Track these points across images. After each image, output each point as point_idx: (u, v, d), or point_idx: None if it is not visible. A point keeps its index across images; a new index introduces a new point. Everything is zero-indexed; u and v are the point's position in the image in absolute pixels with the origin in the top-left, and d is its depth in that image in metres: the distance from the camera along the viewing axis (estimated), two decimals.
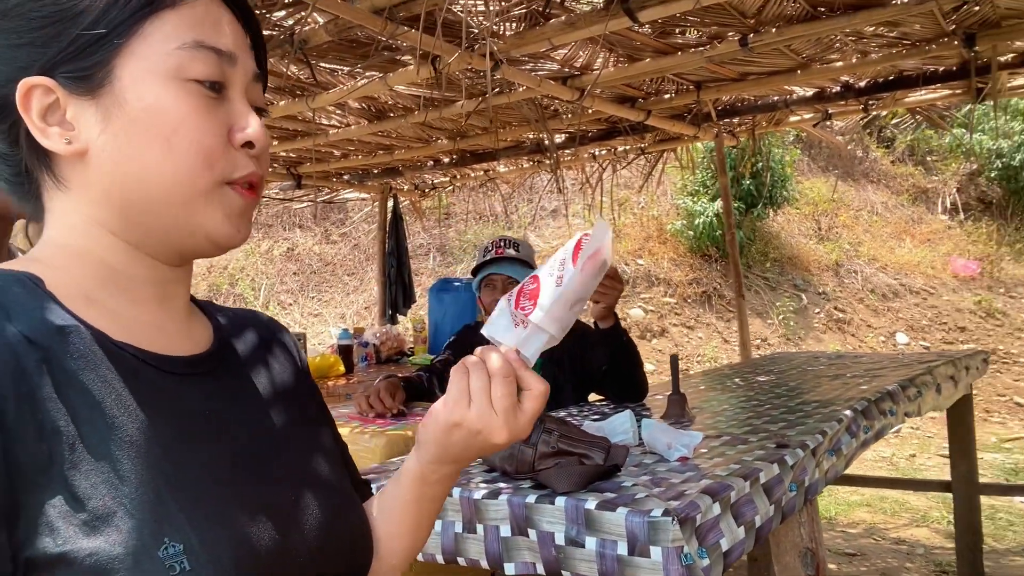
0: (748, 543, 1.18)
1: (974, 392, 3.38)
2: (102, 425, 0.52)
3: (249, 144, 0.61)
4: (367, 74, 2.87)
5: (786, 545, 1.42)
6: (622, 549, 1.07)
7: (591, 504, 1.12)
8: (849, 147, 10.59)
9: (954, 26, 2.63)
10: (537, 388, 0.65)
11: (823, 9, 2.44)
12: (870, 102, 3.67)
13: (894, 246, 9.24)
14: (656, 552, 1.04)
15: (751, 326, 5.94)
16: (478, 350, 0.67)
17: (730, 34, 2.61)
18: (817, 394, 1.94)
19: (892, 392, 1.85)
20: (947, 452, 3.15)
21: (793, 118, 3.97)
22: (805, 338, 7.59)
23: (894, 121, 4.62)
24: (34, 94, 0.57)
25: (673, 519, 1.03)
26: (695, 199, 8.14)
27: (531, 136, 4.06)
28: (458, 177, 5.24)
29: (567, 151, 4.25)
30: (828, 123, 4.13)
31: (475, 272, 2.33)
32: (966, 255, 9.18)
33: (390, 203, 5.38)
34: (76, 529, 0.48)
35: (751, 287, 7.97)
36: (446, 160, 4.63)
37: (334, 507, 0.66)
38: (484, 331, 0.70)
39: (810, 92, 3.53)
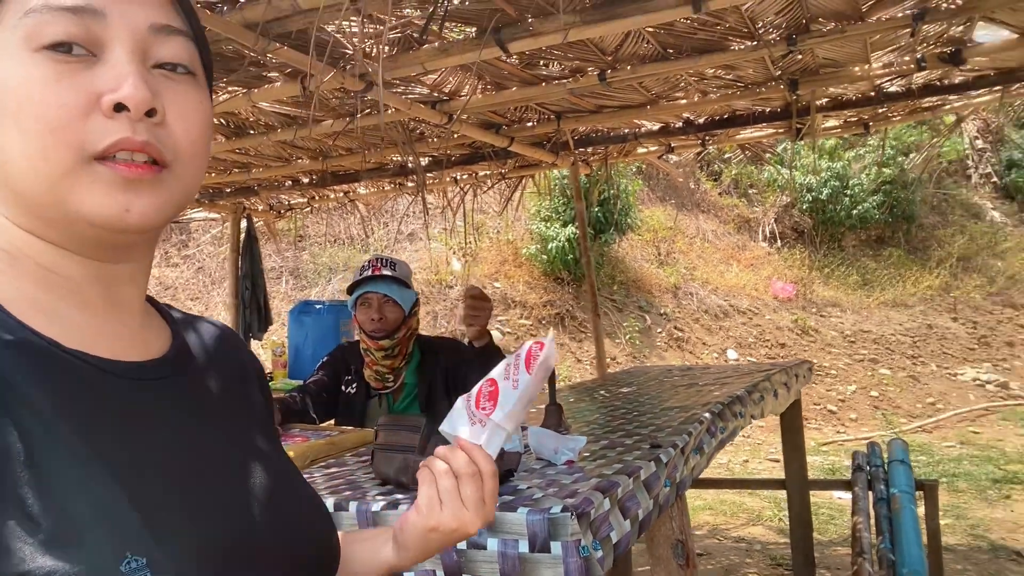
0: (633, 535, 1.27)
1: None
2: (55, 441, 0.49)
3: (123, 108, 0.53)
4: (228, 89, 2.78)
5: (660, 538, 1.54)
6: (523, 547, 1.12)
7: None
8: (681, 180, 11.48)
9: (780, 72, 2.98)
10: (490, 469, 0.71)
11: (672, 51, 2.68)
12: (706, 137, 4.04)
13: (723, 270, 10.09)
14: (556, 547, 1.10)
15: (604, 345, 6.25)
16: (440, 451, 0.72)
17: (590, 69, 2.79)
18: (676, 401, 2.11)
19: (741, 397, 2.06)
20: (776, 456, 3.51)
21: (640, 150, 4.28)
22: (650, 355, 8.09)
23: (727, 155, 5.08)
24: None
25: (572, 514, 1.10)
26: (548, 225, 8.46)
27: (396, 158, 4.08)
28: (317, 198, 5.13)
29: (430, 174, 4.31)
30: (670, 155, 4.49)
31: (351, 290, 2.31)
32: (783, 279, 10.19)
33: (243, 223, 5.17)
34: (33, 548, 0.46)
35: (600, 309, 8.39)
36: (306, 180, 4.53)
37: (299, 513, 0.65)
38: (442, 428, 0.76)
39: (656, 126, 3.83)
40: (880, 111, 3.77)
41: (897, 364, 8.90)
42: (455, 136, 3.55)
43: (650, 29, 2.47)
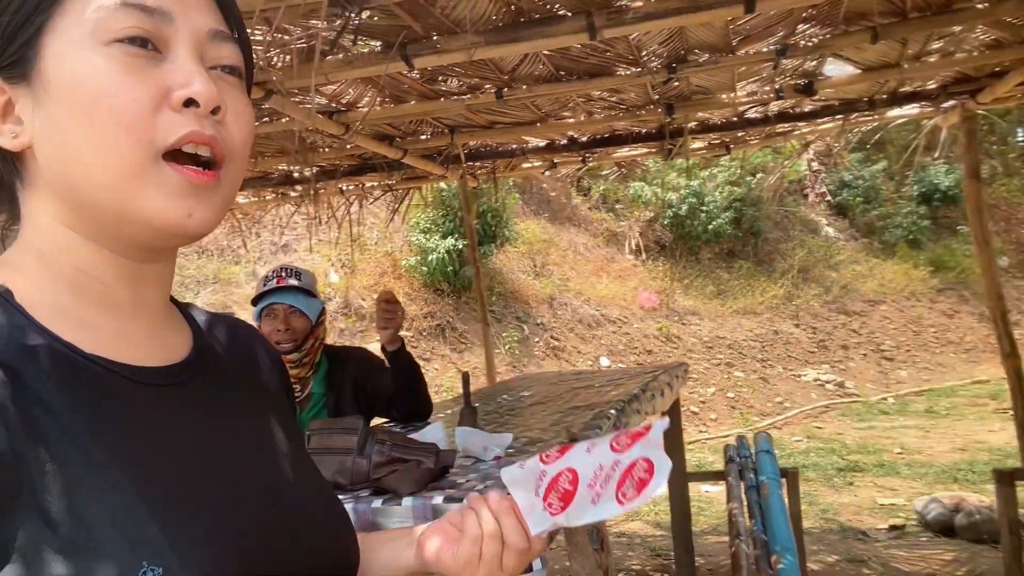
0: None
1: None
2: (74, 447, 0.50)
3: (193, 103, 0.54)
4: None
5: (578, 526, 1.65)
6: None
7: (438, 500, 1.23)
8: (554, 194, 11.89)
9: (658, 96, 3.23)
10: (537, 548, 0.68)
11: (564, 73, 2.85)
12: (587, 154, 4.27)
13: (595, 282, 10.54)
14: None
15: (480, 356, 6.37)
16: (496, 506, 0.67)
17: (488, 86, 2.91)
18: (580, 400, 2.25)
19: (637, 395, 2.23)
20: None
21: (525, 164, 4.45)
22: (528, 364, 8.30)
23: (604, 172, 5.36)
24: None
25: None
26: (428, 236, 8.50)
27: (282, 168, 4.00)
28: None
29: (319, 185, 4.26)
30: (553, 170, 4.69)
31: (255, 301, 2.28)
32: (649, 289, 10.79)
33: None
34: (51, 556, 0.46)
35: (480, 319, 8.53)
36: None
37: (319, 516, 0.64)
38: (504, 477, 0.68)
39: (542, 143, 4.01)
40: (740, 135, 4.14)
41: (749, 367, 9.65)
42: (348, 147, 3.55)
43: (547, 52, 2.62)
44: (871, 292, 12.25)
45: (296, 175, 4.06)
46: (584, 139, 3.97)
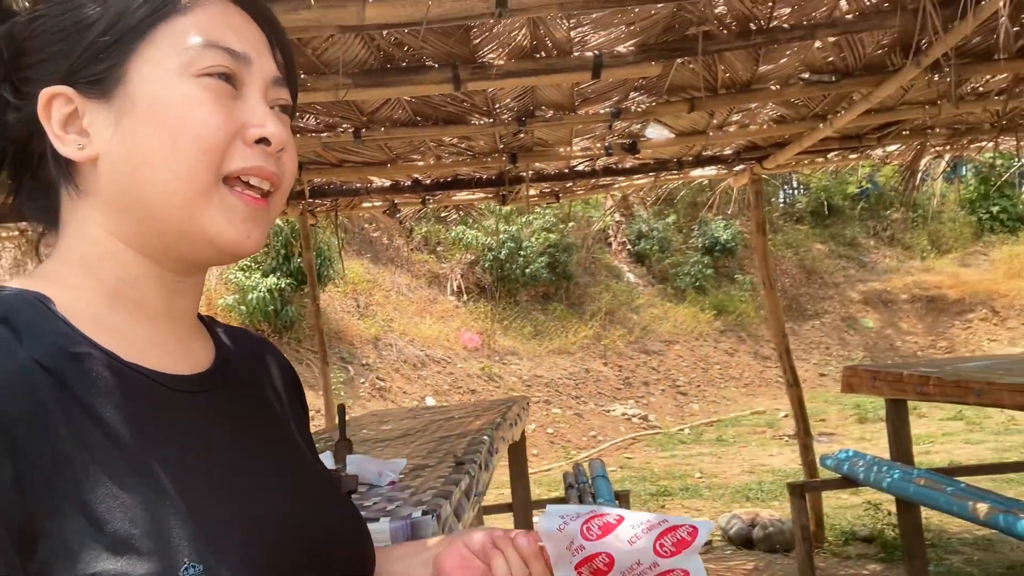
0: None
1: None
2: (117, 449, 0.52)
3: (265, 141, 0.60)
4: None
5: None
6: None
7: None
8: (376, 234, 11.88)
9: (503, 145, 3.47)
10: None
11: (420, 118, 2.98)
12: (428, 197, 4.41)
13: (419, 322, 10.62)
14: None
15: (311, 398, 6.19)
16: (525, 550, 0.67)
17: (345, 125, 2.96)
18: (448, 430, 2.33)
19: (500, 423, 2.36)
20: (495, 485, 3.90)
21: (366, 204, 4.49)
22: (353, 406, 8.14)
23: (443, 214, 5.51)
24: (55, 104, 0.59)
25: (432, 515, 1.26)
26: (247, 274, 8.13)
27: None
28: None
29: None
30: (395, 211, 4.77)
31: None
32: (471, 330, 11.06)
33: None
34: (98, 554, 0.48)
35: (302, 361, 8.25)
36: None
37: (340, 520, 0.67)
38: (540, 529, 0.68)
39: (387, 183, 4.09)
40: (569, 185, 4.51)
41: (565, 403, 10.18)
42: None
43: (407, 98, 2.74)
44: (666, 333, 13.45)
45: None
46: (427, 182, 4.11)
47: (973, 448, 7.00)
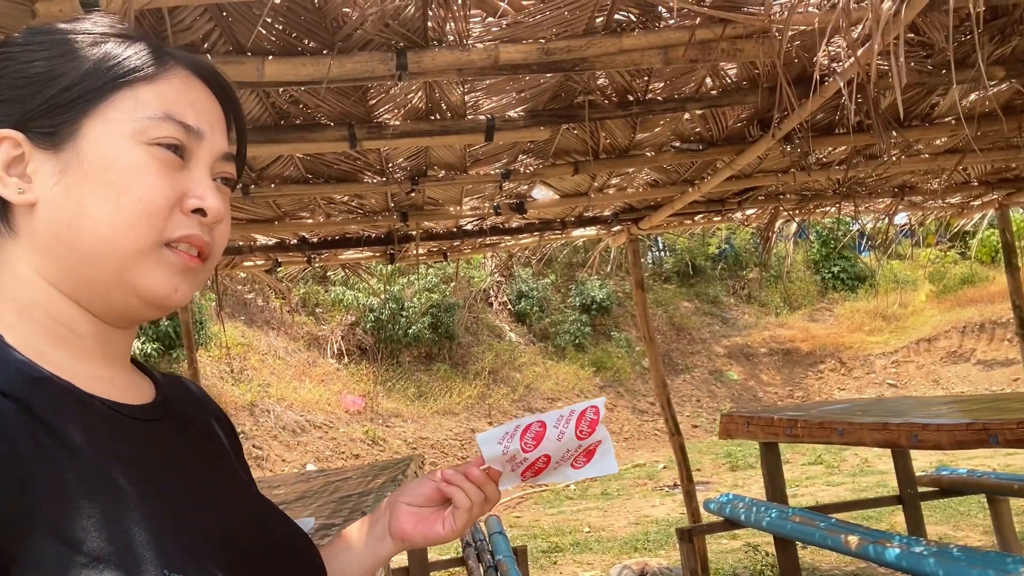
0: None
1: None
2: (85, 470, 0.53)
3: (201, 212, 0.63)
4: None
5: None
6: None
7: None
8: (250, 296, 11.45)
9: (394, 204, 3.50)
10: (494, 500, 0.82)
11: (312, 176, 2.97)
12: (313, 255, 4.34)
13: (297, 386, 10.23)
14: None
15: None
16: (477, 478, 0.78)
17: None
18: (345, 491, 2.26)
19: (401, 480, 2.32)
20: None
21: (248, 263, 4.36)
22: None
23: (331, 272, 5.40)
24: (1, 146, 0.60)
25: None
26: None
27: None
28: None
29: None
30: (277, 269, 4.65)
31: None
32: (353, 393, 10.77)
33: None
34: (77, 572, 0.48)
35: None
36: None
37: (286, 532, 0.72)
38: (486, 455, 0.78)
39: (271, 241, 4.00)
40: (456, 244, 4.58)
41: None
42: None
43: (299, 155, 2.74)
44: (549, 390, 13.67)
45: None
46: (314, 240, 4.06)
47: (834, 489, 7.52)
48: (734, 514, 3.42)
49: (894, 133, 2.66)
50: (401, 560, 4.43)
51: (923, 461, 6.74)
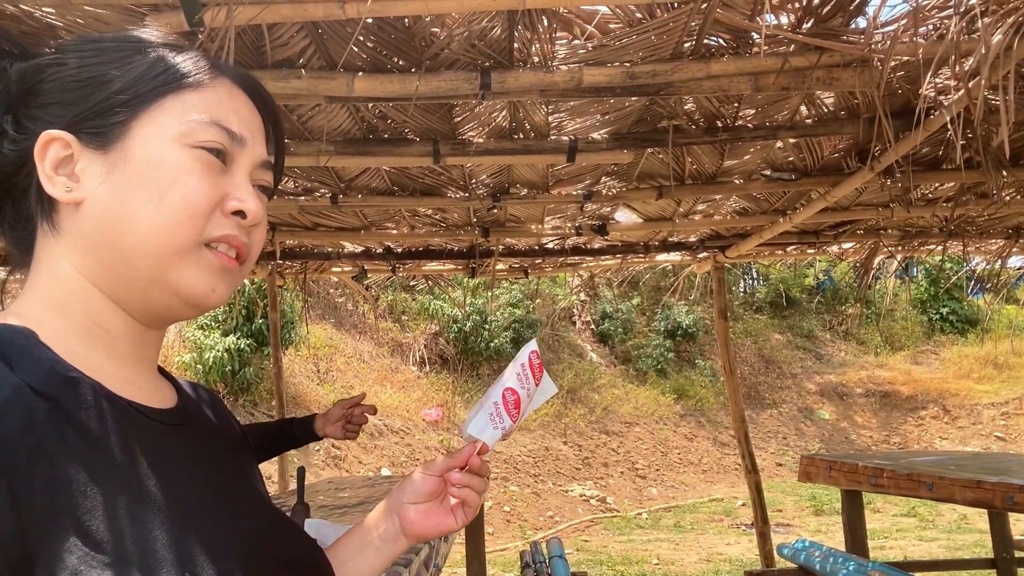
0: None
1: None
2: (111, 471, 0.54)
3: (240, 213, 0.66)
4: None
5: None
6: None
7: None
8: (341, 299, 11.83)
9: (477, 219, 3.54)
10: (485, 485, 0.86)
11: (398, 188, 3.05)
12: (398, 264, 4.45)
13: (379, 390, 10.47)
14: None
15: (267, 462, 6.04)
16: (478, 467, 0.82)
17: (323, 190, 3.01)
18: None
19: None
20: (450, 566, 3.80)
21: (336, 268, 4.51)
22: (307, 474, 7.92)
23: (412, 283, 5.52)
24: (52, 146, 0.63)
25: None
26: (206, 333, 8.00)
27: None
28: None
29: None
30: (364, 277, 4.79)
31: None
32: (431, 401, 10.93)
33: None
34: (99, 572, 0.50)
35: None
36: None
37: (295, 537, 0.73)
38: (470, 432, 0.84)
39: (358, 249, 4.13)
40: (538, 262, 4.59)
41: (523, 482, 10.02)
42: None
43: (386, 168, 2.81)
44: (627, 414, 13.44)
45: None
46: (400, 250, 4.16)
47: (926, 545, 7.03)
48: (809, 562, 3.24)
49: (1003, 172, 2.48)
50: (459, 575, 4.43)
51: None
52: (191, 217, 0.62)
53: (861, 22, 1.94)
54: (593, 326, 15.96)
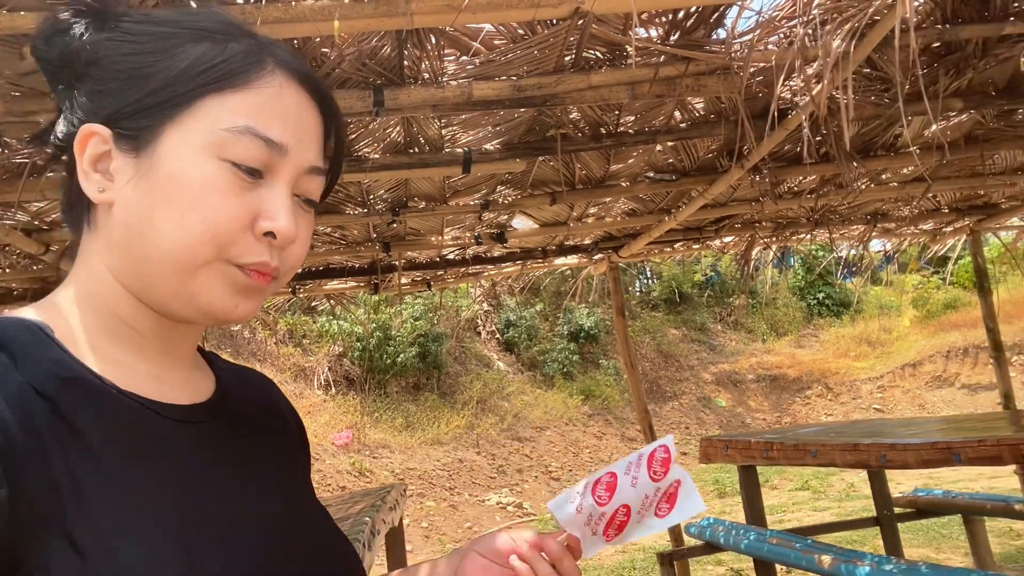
0: None
1: None
2: (108, 474, 0.53)
3: (271, 235, 0.60)
4: None
5: None
6: None
7: None
8: (237, 328, 11.43)
9: (376, 235, 3.57)
10: None
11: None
12: (297, 286, 4.39)
13: None
14: None
15: None
16: (554, 553, 0.69)
17: None
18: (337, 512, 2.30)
19: (380, 506, 2.36)
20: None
21: None
22: None
23: (316, 303, 5.44)
24: (91, 141, 0.61)
25: None
26: None
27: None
28: None
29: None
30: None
31: None
32: (339, 424, 10.73)
33: None
34: None
35: None
36: None
37: (325, 554, 0.68)
38: (561, 520, 0.72)
39: None
40: (440, 274, 4.65)
41: (439, 496, 9.99)
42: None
43: None
44: (537, 419, 13.65)
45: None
46: (298, 270, 4.11)
47: (819, 514, 7.54)
48: (714, 537, 3.45)
49: (855, 164, 2.77)
50: None
51: (910, 484, 6.80)
52: (212, 238, 0.58)
53: (722, 33, 2.13)
54: (498, 335, 16.10)
